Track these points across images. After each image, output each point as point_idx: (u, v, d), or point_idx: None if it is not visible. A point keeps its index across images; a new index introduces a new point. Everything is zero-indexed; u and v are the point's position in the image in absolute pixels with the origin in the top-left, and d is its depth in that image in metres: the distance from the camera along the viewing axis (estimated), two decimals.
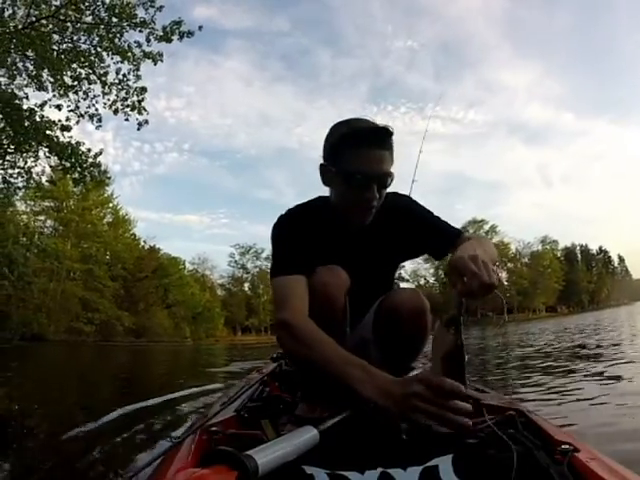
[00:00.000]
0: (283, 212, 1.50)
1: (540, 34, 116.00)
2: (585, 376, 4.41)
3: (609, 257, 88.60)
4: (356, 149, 1.32)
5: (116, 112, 13.57)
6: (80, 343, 29.03)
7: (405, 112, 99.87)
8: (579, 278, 76.58)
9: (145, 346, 28.29)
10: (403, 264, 1.73)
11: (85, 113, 13.69)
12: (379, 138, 1.33)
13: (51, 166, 14.42)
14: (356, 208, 1.38)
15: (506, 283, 72.55)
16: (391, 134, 1.35)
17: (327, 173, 1.42)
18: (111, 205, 42.89)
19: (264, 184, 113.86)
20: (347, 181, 1.35)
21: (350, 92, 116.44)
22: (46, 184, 19.72)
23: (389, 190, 1.51)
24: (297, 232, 1.41)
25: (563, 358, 6.47)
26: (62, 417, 3.76)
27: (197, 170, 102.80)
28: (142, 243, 49.06)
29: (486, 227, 72.61)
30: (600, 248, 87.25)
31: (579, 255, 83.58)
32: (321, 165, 1.43)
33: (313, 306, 1.29)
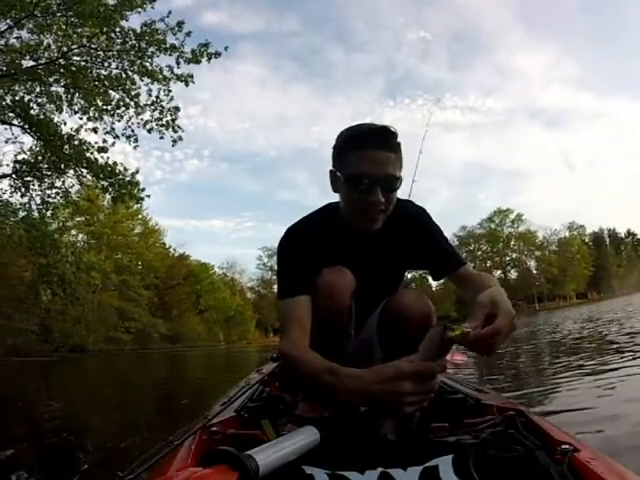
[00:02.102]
0: (291, 224, 1.48)
1: (553, 13, 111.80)
2: None
3: (638, 240, 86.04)
4: (358, 151, 1.29)
5: (150, 131, 14.05)
6: (118, 352, 29.77)
7: (422, 104, 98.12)
8: (608, 263, 74.47)
9: (181, 352, 28.78)
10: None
11: (122, 134, 14.18)
12: (381, 138, 1.28)
13: (88, 185, 14.91)
14: (362, 213, 1.33)
15: (535, 272, 71.33)
16: (393, 134, 1.31)
17: (335, 179, 1.39)
18: (140, 216, 43.67)
19: (286, 185, 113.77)
20: (351, 185, 1.31)
21: (366, 87, 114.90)
22: (80, 201, 20.29)
23: (405, 197, 1.50)
24: (303, 248, 1.39)
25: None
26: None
27: (219, 175, 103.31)
28: (172, 251, 49.90)
29: (512, 216, 71.59)
30: (628, 231, 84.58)
31: (607, 239, 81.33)
32: (330, 171, 1.40)
33: (319, 306, 1.30)
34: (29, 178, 14.87)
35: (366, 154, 1.27)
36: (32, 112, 14.46)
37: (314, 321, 1.30)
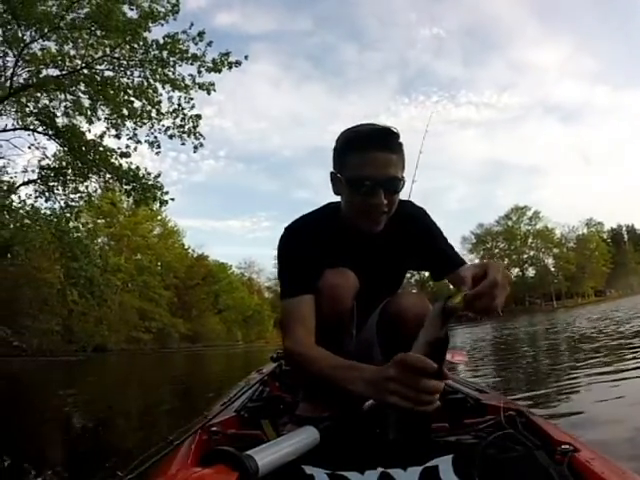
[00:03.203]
0: (289, 223, 1.46)
1: (567, 6, 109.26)
2: None
3: None
4: (359, 153, 1.26)
5: (171, 137, 14.31)
6: (139, 351, 30.17)
7: (437, 101, 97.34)
8: (627, 260, 73.01)
9: (200, 351, 29.06)
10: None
11: (145, 141, 14.44)
12: (382, 140, 1.25)
13: (111, 189, 15.20)
14: (365, 215, 1.30)
15: (553, 269, 70.33)
16: (395, 135, 1.28)
17: (336, 181, 1.37)
18: (159, 218, 44.11)
19: (302, 184, 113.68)
20: (353, 188, 1.28)
21: (380, 85, 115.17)
22: (103, 205, 20.68)
23: (405, 198, 1.48)
24: (304, 247, 1.37)
25: None
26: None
27: (235, 176, 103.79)
28: (191, 252, 50.32)
29: (529, 213, 70.77)
30: None
31: (626, 236, 79.83)
32: (331, 173, 1.37)
33: (321, 307, 1.29)
34: (53, 183, 15.21)
35: (367, 156, 1.24)
36: (57, 120, 14.84)
37: (316, 321, 1.29)
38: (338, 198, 1.43)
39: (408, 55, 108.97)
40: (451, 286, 1.32)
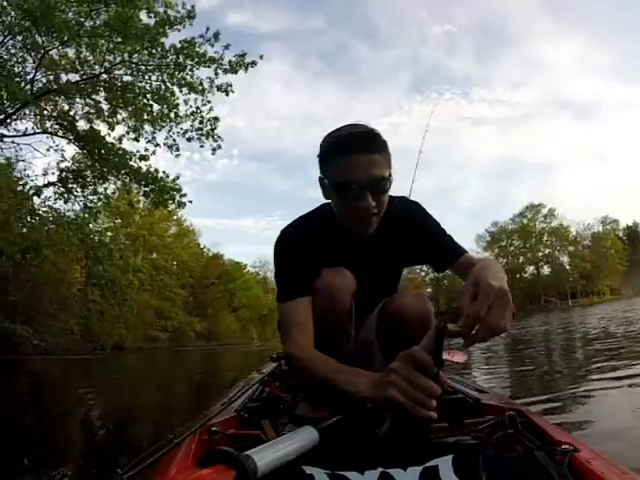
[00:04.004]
0: (285, 225, 1.46)
1: (580, 1, 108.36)
2: None
3: None
4: (342, 158, 1.25)
5: (190, 140, 14.50)
6: (156, 350, 30.50)
7: (450, 98, 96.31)
8: None
9: (216, 349, 29.26)
10: None
11: (164, 144, 14.69)
12: (363, 142, 1.24)
13: (130, 191, 15.40)
14: (355, 219, 1.30)
15: (568, 267, 69.43)
16: (376, 135, 1.27)
17: (324, 186, 1.36)
18: (175, 218, 44.38)
19: (315, 183, 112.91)
20: (340, 193, 1.28)
21: (392, 83, 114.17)
22: (121, 206, 20.94)
23: (398, 195, 1.46)
24: (299, 249, 1.36)
25: None
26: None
27: (248, 174, 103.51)
28: (206, 251, 50.58)
29: (544, 211, 69.96)
30: None
31: None
32: (319, 178, 1.37)
33: (319, 308, 1.29)
34: (72, 185, 15.46)
35: (350, 160, 1.23)
36: (77, 124, 15.09)
37: (314, 322, 1.29)
38: None
39: (420, 52, 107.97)
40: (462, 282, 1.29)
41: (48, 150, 15.17)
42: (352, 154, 1.23)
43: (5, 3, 12.63)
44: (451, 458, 0.96)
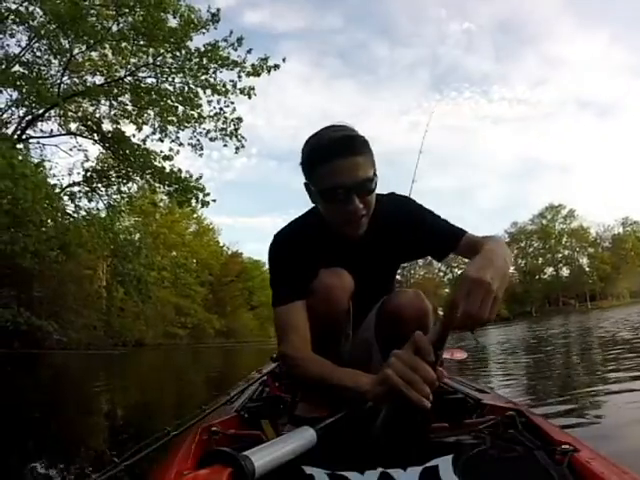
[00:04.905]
0: (277, 230, 1.45)
1: None
2: None
3: None
4: (325, 164, 1.23)
5: (213, 140, 14.77)
6: (175, 346, 30.90)
7: (469, 97, 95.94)
8: None
9: (234, 347, 29.49)
10: None
11: (188, 144, 14.98)
12: (344, 146, 1.22)
13: (153, 191, 15.62)
14: (344, 222, 1.29)
15: (587, 269, 68.21)
16: (356, 138, 1.26)
17: (310, 192, 1.34)
18: (195, 216, 44.73)
19: None
20: (326, 198, 1.27)
21: (411, 82, 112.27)
22: (144, 205, 21.23)
23: (387, 192, 1.45)
24: (293, 253, 1.35)
25: None
26: None
27: (266, 173, 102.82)
28: (225, 249, 50.96)
29: (564, 212, 68.83)
30: None
31: None
32: (304, 184, 1.35)
33: (317, 309, 1.28)
34: (97, 184, 15.74)
35: (333, 166, 1.21)
36: (103, 126, 15.36)
37: (311, 323, 1.28)
38: None
39: (439, 51, 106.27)
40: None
41: (71, 150, 15.49)
42: (334, 160, 1.21)
43: (37, 8, 12.92)
44: (451, 458, 0.95)
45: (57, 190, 14.25)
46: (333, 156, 1.21)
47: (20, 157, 11.93)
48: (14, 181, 10.20)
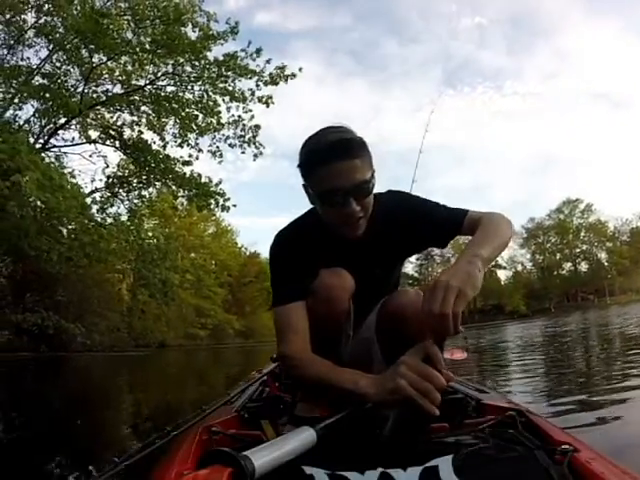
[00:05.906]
0: (278, 231, 1.44)
1: None
2: None
3: None
4: (322, 167, 1.22)
5: (232, 146, 14.94)
6: (196, 347, 31.14)
7: (483, 92, 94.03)
8: None
9: (253, 347, 29.60)
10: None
11: (208, 150, 15.11)
12: (341, 149, 1.21)
13: (174, 196, 15.79)
14: (342, 224, 1.28)
15: (606, 264, 66.90)
16: (353, 140, 1.24)
17: (308, 194, 1.34)
18: (214, 218, 44.99)
19: None
20: (324, 201, 1.26)
21: (423, 78, 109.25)
22: (162, 207, 21.47)
23: (383, 190, 1.44)
24: (293, 253, 1.35)
25: None
26: None
27: (281, 173, 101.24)
28: (244, 250, 51.21)
29: (581, 206, 67.32)
30: None
31: None
32: (302, 186, 1.34)
33: (317, 309, 1.27)
34: (118, 190, 15.96)
35: (331, 169, 1.21)
36: (124, 134, 15.59)
37: (312, 323, 1.28)
38: None
39: (451, 46, 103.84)
40: None
41: (91, 156, 15.74)
42: (332, 162, 1.21)
43: (59, 23, 13.16)
44: (451, 458, 0.95)
45: (88, 200, 14.54)
46: (330, 159, 1.21)
47: (54, 168, 12.19)
48: (52, 193, 10.42)
